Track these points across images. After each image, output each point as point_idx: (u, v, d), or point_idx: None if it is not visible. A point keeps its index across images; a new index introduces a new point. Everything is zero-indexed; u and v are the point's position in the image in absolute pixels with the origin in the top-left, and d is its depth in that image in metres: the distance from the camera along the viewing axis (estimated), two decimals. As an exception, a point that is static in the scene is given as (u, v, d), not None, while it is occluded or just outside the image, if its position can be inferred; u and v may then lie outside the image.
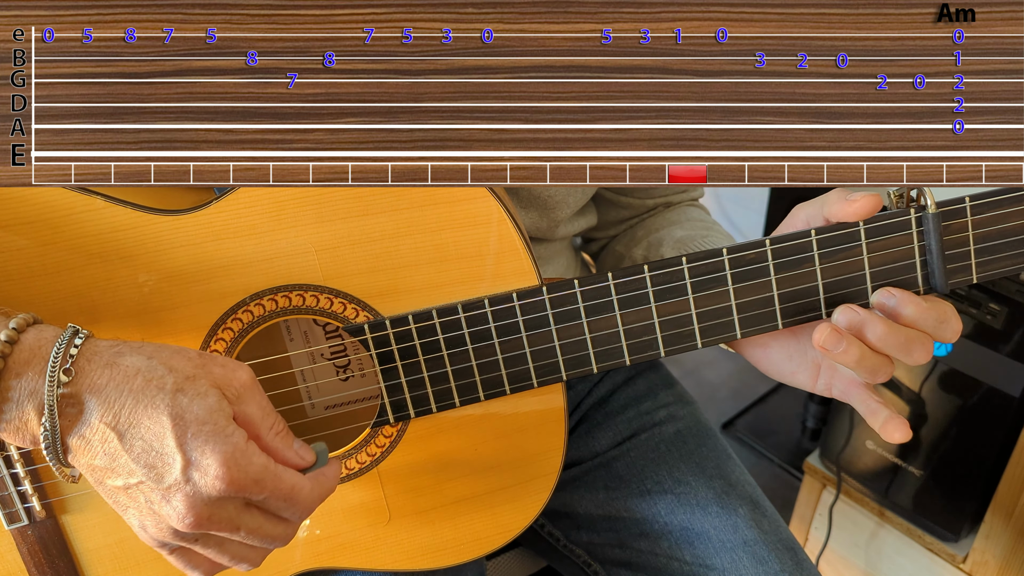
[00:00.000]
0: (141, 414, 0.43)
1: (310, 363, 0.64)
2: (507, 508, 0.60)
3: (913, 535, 1.24)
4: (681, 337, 0.54)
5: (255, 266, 0.53)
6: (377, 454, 0.58)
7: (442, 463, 0.59)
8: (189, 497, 0.43)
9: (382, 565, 0.60)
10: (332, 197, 0.52)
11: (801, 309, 0.53)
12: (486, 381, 0.55)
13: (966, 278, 0.52)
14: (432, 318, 0.54)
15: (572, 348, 0.54)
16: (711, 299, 0.53)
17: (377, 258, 0.54)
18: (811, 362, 0.57)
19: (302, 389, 0.64)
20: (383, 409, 0.56)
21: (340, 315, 0.54)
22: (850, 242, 0.52)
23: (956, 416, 1.14)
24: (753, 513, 0.70)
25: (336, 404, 0.65)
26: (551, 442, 0.59)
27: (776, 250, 0.52)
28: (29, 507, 0.55)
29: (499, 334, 0.54)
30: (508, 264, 0.54)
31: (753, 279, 0.53)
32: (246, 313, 0.54)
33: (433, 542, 0.60)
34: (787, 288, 0.53)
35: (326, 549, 0.59)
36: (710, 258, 0.52)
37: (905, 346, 0.50)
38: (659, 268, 0.53)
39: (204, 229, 0.52)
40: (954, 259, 0.52)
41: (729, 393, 1.92)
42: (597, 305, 0.54)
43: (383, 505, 0.59)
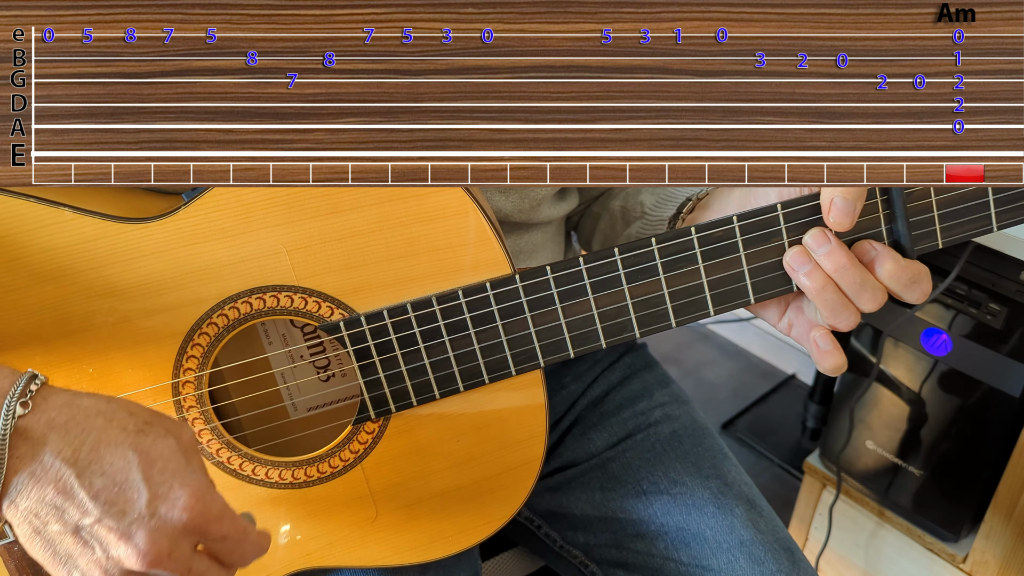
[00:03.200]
0: (104, 451, 0.43)
1: (290, 364, 0.64)
2: (492, 498, 0.60)
3: (913, 535, 1.24)
4: (655, 317, 0.55)
5: (228, 269, 0.53)
6: (360, 451, 0.58)
7: (426, 456, 0.59)
8: (153, 531, 0.43)
9: (372, 561, 0.60)
10: (300, 197, 0.52)
11: (772, 283, 0.54)
12: (464, 372, 0.56)
13: (932, 243, 0.53)
14: (407, 312, 0.54)
15: (548, 334, 0.55)
16: (683, 278, 0.54)
17: (349, 255, 0.54)
18: (781, 297, 0.57)
19: (283, 390, 0.64)
20: (363, 406, 0.56)
21: (315, 314, 0.54)
22: (816, 214, 0.53)
23: (956, 416, 1.14)
24: (750, 513, 0.70)
25: (318, 405, 0.65)
26: (533, 429, 0.59)
27: (744, 226, 0.53)
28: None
29: (475, 324, 0.55)
30: (480, 254, 0.54)
31: (723, 256, 0.54)
32: (221, 317, 0.54)
33: (421, 536, 0.60)
34: (757, 263, 0.54)
35: (315, 548, 0.59)
36: (680, 237, 0.53)
37: (859, 288, 0.51)
38: (629, 250, 0.53)
39: (175, 235, 0.52)
40: (919, 225, 0.53)
41: (729, 393, 1.92)
42: (570, 290, 0.54)
43: (369, 501, 0.59)
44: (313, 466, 0.58)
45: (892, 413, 1.22)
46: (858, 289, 0.52)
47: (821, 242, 0.52)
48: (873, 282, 0.52)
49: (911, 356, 1.16)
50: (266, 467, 0.58)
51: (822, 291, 0.52)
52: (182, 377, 0.55)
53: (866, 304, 0.52)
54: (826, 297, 0.52)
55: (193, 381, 0.55)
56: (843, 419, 1.27)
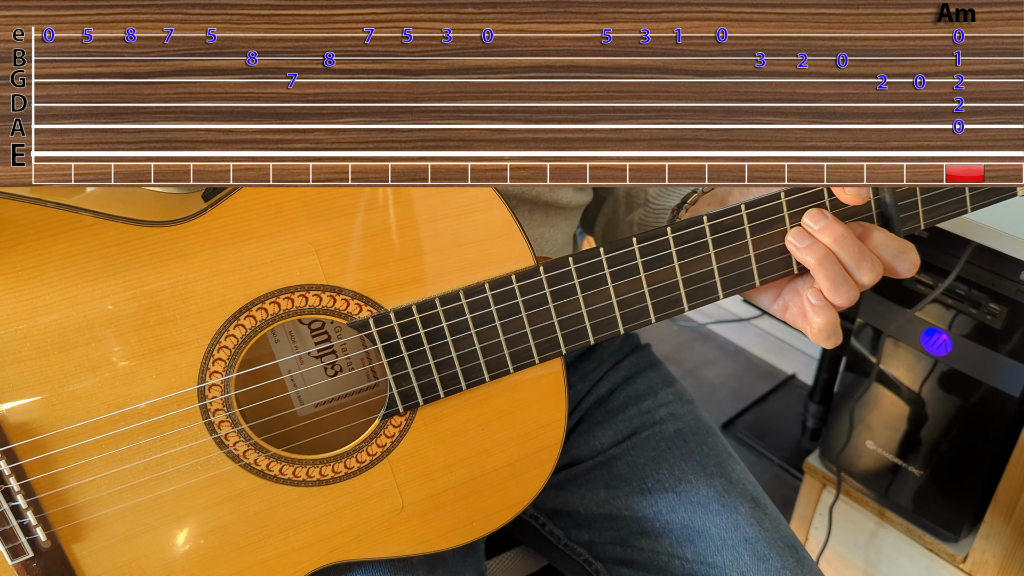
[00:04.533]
0: None
1: (298, 365, 0.64)
2: (515, 482, 0.61)
3: (913, 535, 1.24)
4: (669, 303, 0.58)
5: (256, 270, 0.53)
6: (387, 444, 0.58)
7: (451, 446, 0.60)
8: None
9: (397, 551, 0.61)
10: (328, 195, 0.52)
11: (775, 267, 0.58)
12: (490, 363, 0.57)
13: (915, 225, 0.58)
14: (435, 307, 0.55)
15: (570, 323, 0.57)
16: (695, 264, 0.57)
17: (377, 252, 0.54)
18: (776, 281, 0.61)
19: (292, 395, 0.64)
20: (391, 400, 0.56)
21: (344, 312, 0.55)
22: (816, 200, 0.56)
23: (956, 416, 1.14)
24: (754, 511, 0.70)
25: (326, 400, 0.65)
26: (553, 414, 0.60)
27: (751, 213, 0.56)
28: (33, 539, 0.54)
29: (500, 316, 0.56)
30: (506, 247, 0.55)
31: (732, 243, 0.57)
32: (249, 319, 0.54)
33: (446, 523, 0.61)
34: (762, 248, 0.57)
35: (342, 543, 0.60)
36: (692, 226, 0.56)
37: (857, 257, 0.55)
38: (647, 239, 0.56)
39: (200, 237, 0.52)
40: (904, 208, 0.57)
41: (729, 393, 1.92)
42: (591, 280, 0.56)
43: (395, 493, 0.59)
44: (340, 462, 0.58)
45: (892, 413, 1.22)
46: (857, 258, 0.55)
47: (818, 218, 0.56)
48: (869, 252, 0.55)
49: (911, 356, 1.16)
50: (293, 466, 0.58)
51: (823, 262, 0.55)
52: (208, 381, 0.55)
53: (865, 274, 0.55)
54: (827, 268, 0.55)
55: (220, 384, 0.55)
56: (843, 419, 1.27)
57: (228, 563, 0.58)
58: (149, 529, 0.56)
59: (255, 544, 0.58)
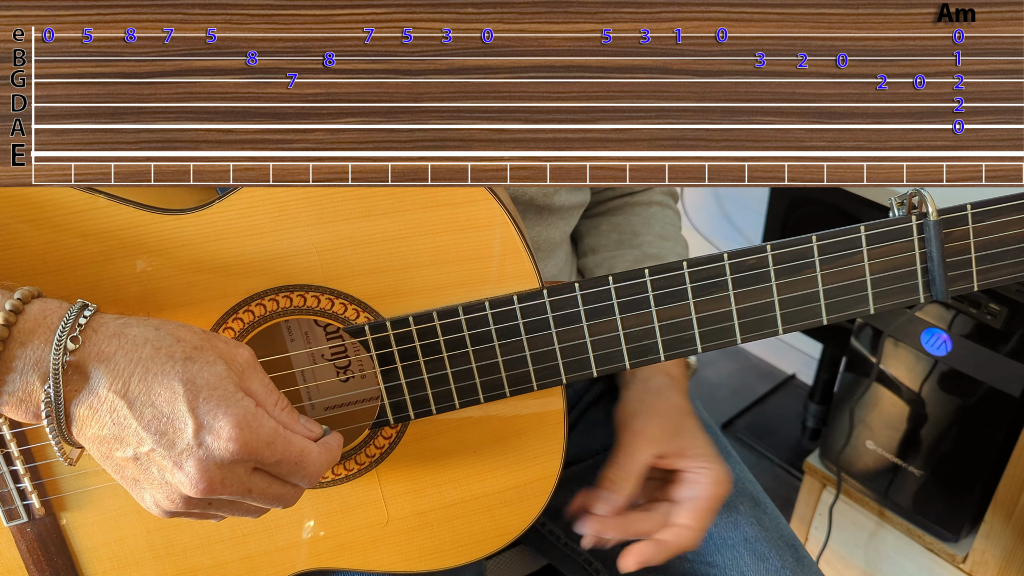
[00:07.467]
0: (152, 381, 0.44)
1: (311, 364, 0.64)
2: (506, 511, 0.60)
3: (913, 535, 1.24)
4: (681, 341, 0.54)
5: (257, 266, 0.53)
6: (376, 455, 0.58)
7: (442, 465, 0.58)
8: (201, 461, 0.44)
9: (380, 566, 0.60)
10: (334, 198, 0.52)
11: (802, 315, 0.53)
12: (486, 383, 0.55)
13: (967, 285, 0.52)
14: (433, 320, 0.54)
15: (572, 351, 0.54)
16: (712, 304, 0.53)
17: (379, 259, 0.54)
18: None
19: (302, 390, 0.64)
20: (383, 410, 0.56)
21: (341, 316, 0.54)
22: (851, 248, 0.52)
23: (956, 416, 1.14)
24: (754, 510, 0.70)
25: (336, 405, 0.65)
26: (550, 445, 0.58)
27: (777, 255, 0.52)
28: (28, 504, 0.55)
29: (499, 336, 0.54)
30: (509, 267, 0.54)
31: (754, 284, 0.53)
32: (247, 313, 0.54)
33: (431, 544, 0.60)
34: (788, 294, 0.53)
35: (325, 549, 0.59)
36: (712, 263, 0.52)
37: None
38: (660, 272, 0.53)
39: (206, 229, 0.52)
40: (955, 267, 0.52)
41: (729, 393, 1.92)
42: (597, 309, 0.53)
43: (381, 506, 0.59)
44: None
45: (892, 413, 1.22)
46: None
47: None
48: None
49: (911, 356, 1.16)
50: None
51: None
52: None
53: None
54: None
55: None
56: (843, 419, 1.27)
57: (211, 554, 0.58)
58: (138, 509, 0.56)
59: (239, 538, 0.58)
